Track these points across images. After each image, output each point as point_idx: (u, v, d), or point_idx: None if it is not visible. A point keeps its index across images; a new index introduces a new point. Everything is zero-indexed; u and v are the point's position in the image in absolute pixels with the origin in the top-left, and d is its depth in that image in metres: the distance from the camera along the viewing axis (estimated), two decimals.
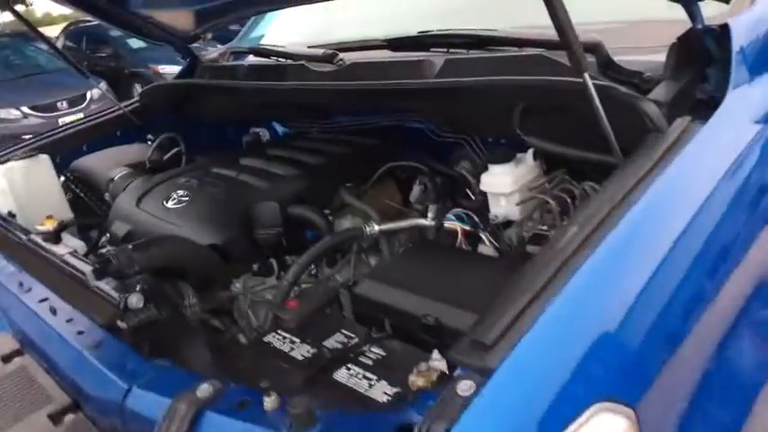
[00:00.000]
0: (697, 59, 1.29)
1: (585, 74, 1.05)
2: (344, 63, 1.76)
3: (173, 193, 1.69)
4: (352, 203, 1.68)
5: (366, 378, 1.04)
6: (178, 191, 1.69)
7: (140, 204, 1.71)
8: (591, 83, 1.05)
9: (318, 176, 1.73)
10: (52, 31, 11.72)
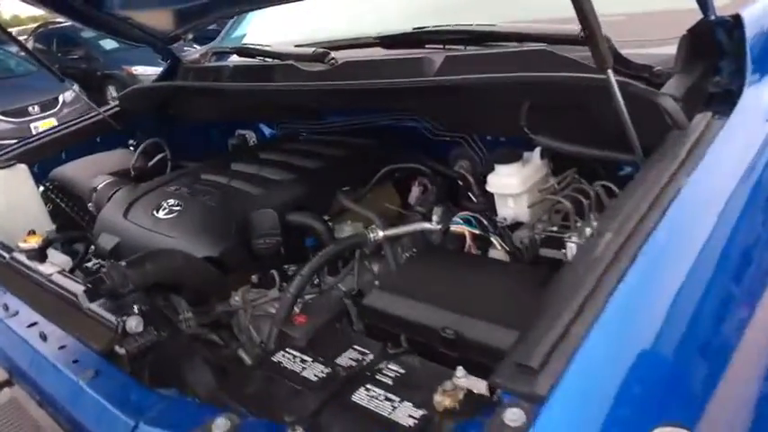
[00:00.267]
0: (709, 52, 1.25)
1: (609, 70, 1.01)
2: (336, 62, 1.68)
3: (163, 202, 1.61)
4: (353, 208, 1.61)
5: (388, 399, 0.97)
6: (168, 200, 1.62)
7: (128, 215, 1.63)
8: (614, 79, 1.01)
9: (315, 181, 1.66)
10: (22, 34, 11.43)
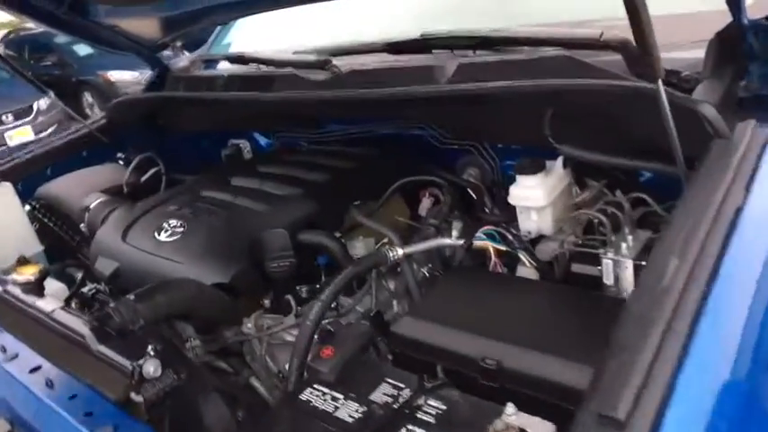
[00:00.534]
0: (738, 55, 1.20)
1: (660, 81, 0.94)
2: (339, 70, 1.59)
3: (164, 223, 1.52)
4: (368, 225, 1.53)
5: None
6: (170, 220, 1.52)
7: (127, 238, 1.54)
8: (663, 89, 0.95)
9: (324, 195, 1.57)
10: None
